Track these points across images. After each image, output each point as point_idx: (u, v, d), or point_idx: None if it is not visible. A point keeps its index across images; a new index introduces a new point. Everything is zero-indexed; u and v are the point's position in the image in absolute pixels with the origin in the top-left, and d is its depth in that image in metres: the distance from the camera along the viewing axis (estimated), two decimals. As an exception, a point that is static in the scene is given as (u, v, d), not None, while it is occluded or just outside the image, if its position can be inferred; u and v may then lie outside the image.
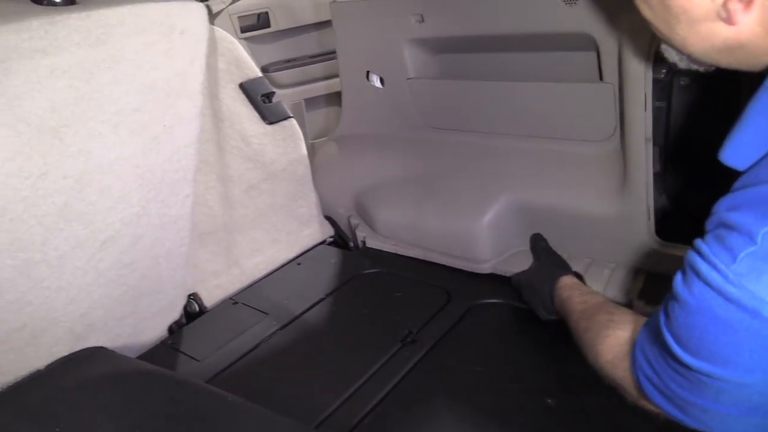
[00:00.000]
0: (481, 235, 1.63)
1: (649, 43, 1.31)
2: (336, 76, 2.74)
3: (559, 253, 1.59)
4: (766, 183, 0.60)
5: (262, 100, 1.80)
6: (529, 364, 1.31)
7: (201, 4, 1.15)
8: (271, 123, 1.81)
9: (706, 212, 1.44)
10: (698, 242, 0.64)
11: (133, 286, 1.34)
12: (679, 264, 1.41)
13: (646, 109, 1.34)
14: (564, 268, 1.42)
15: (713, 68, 0.77)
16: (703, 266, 0.62)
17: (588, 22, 1.40)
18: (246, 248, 1.75)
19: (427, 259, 1.72)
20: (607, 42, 1.40)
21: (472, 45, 1.68)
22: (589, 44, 1.46)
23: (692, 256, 0.64)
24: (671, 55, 0.81)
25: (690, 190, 1.60)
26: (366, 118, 1.96)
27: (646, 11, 0.74)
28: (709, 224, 0.65)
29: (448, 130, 1.80)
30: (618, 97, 1.43)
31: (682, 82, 1.50)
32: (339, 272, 1.72)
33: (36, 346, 1.23)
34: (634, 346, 0.79)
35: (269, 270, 1.76)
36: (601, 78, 1.48)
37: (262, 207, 1.80)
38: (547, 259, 1.51)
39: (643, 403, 0.81)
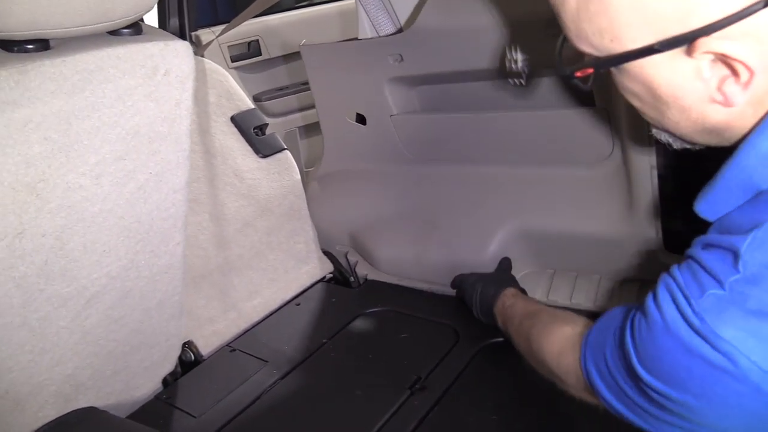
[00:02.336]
0: (488, 266, 1.57)
1: None
2: (329, 102, 2.69)
3: (568, 271, 1.57)
4: (736, 234, 0.63)
5: (254, 133, 1.74)
6: (548, 411, 1.22)
7: (185, 43, 1.08)
8: (264, 156, 1.74)
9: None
10: (675, 269, 0.68)
11: (123, 341, 1.26)
12: None
13: (649, 142, 1.32)
14: (514, 283, 1.45)
15: (704, 147, 0.77)
16: (676, 292, 0.65)
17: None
18: (243, 290, 1.67)
19: (435, 291, 1.66)
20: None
21: (458, 78, 1.63)
22: None
23: (667, 280, 0.68)
24: (664, 137, 0.79)
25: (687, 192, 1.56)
26: (350, 155, 1.90)
27: (635, 101, 0.73)
28: (688, 253, 0.69)
29: (440, 161, 1.75)
30: (615, 120, 1.41)
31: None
32: (341, 312, 1.64)
33: (21, 413, 1.14)
34: (585, 338, 0.82)
35: (267, 312, 1.67)
36: (594, 103, 1.45)
37: (258, 245, 1.73)
38: (501, 273, 1.52)
39: (584, 395, 0.87)
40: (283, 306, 1.71)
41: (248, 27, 2.42)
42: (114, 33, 1.04)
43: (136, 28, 1.05)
